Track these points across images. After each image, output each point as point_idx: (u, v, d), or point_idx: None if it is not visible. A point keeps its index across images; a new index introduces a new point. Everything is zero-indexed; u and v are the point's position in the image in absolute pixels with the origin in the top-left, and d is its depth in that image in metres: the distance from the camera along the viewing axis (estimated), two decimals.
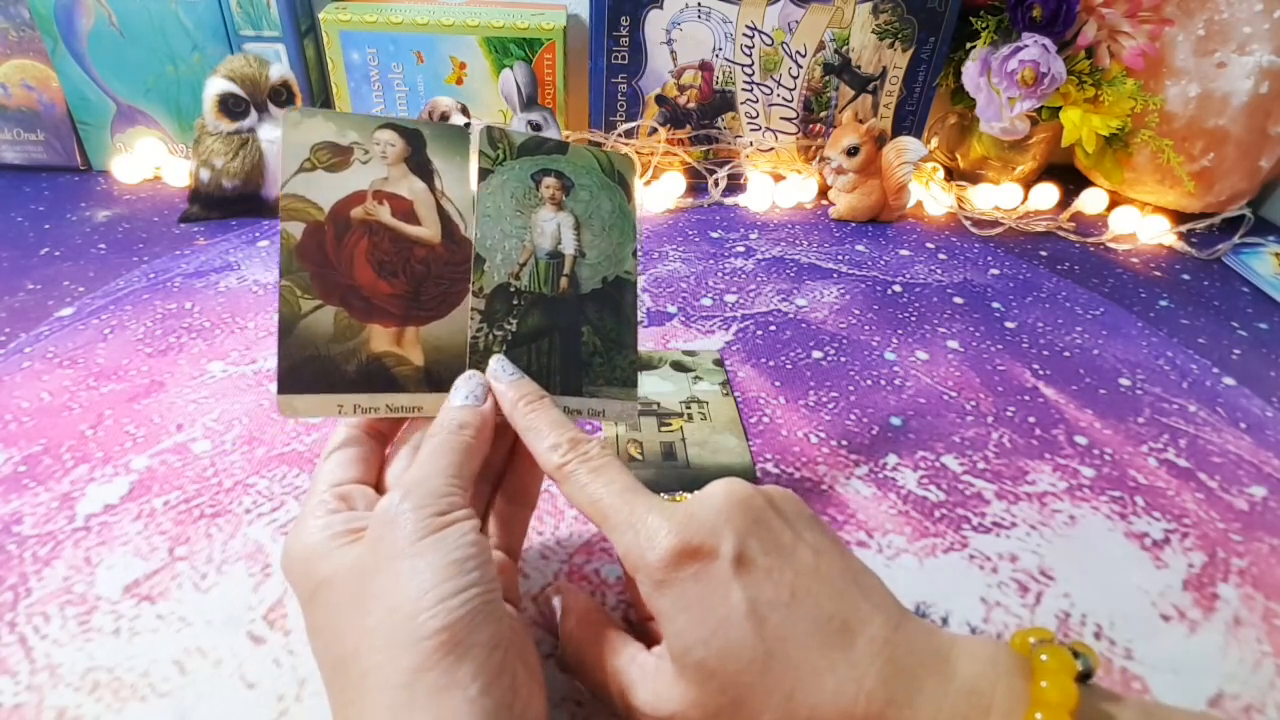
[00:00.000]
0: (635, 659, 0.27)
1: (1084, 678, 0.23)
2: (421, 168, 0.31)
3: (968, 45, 0.71)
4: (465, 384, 0.30)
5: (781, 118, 0.75)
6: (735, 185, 0.76)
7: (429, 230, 0.31)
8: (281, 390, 0.30)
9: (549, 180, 0.33)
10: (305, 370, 0.30)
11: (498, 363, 0.31)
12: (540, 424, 0.29)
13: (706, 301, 0.59)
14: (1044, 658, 0.23)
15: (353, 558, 0.26)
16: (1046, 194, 0.76)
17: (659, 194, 0.73)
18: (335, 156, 0.30)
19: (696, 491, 0.27)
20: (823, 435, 0.46)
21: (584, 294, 0.33)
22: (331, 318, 0.30)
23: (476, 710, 0.23)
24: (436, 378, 0.31)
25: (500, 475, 0.32)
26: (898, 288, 0.62)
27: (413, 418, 0.32)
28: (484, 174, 0.32)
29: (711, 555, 0.25)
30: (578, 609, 0.31)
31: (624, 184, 0.34)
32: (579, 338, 0.32)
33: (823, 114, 0.75)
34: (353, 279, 0.30)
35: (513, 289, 0.32)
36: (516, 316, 0.32)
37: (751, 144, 0.76)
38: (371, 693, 0.23)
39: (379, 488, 0.30)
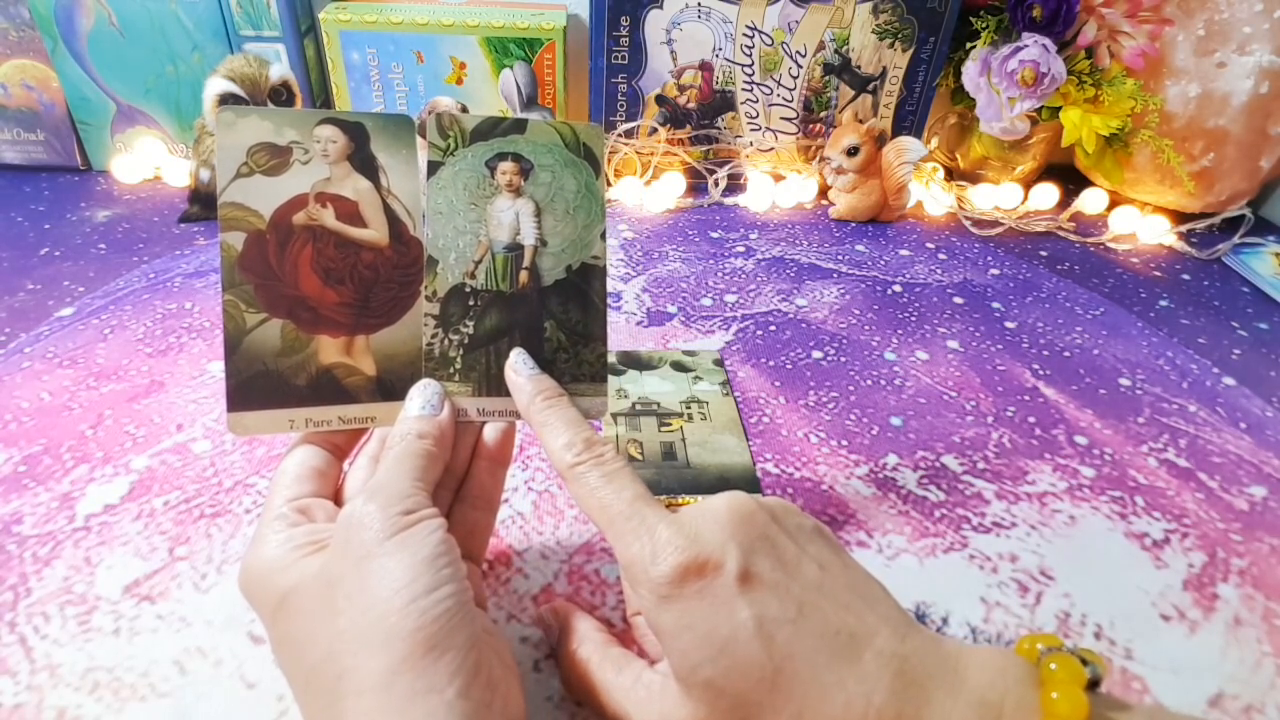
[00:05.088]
0: (640, 679, 0.27)
1: (1093, 685, 0.23)
2: (365, 164, 0.30)
3: (968, 45, 0.71)
4: (420, 393, 0.30)
5: (781, 118, 0.75)
6: (735, 185, 0.76)
7: (376, 232, 0.30)
8: (231, 408, 0.29)
9: (505, 165, 0.30)
10: (254, 386, 0.29)
11: (518, 356, 0.30)
12: (556, 421, 0.29)
13: (706, 301, 0.59)
14: (1053, 666, 0.23)
15: (318, 566, 0.25)
16: (1046, 194, 0.76)
17: (659, 194, 0.73)
18: (273, 159, 0.29)
19: (698, 502, 0.27)
20: (823, 435, 0.46)
21: (546, 286, 0.31)
22: (278, 331, 0.29)
23: (455, 713, 0.22)
24: (389, 387, 0.31)
25: (460, 481, 0.32)
26: (898, 288, 0.62)
27: (367, 428, 0.31)
28: (433, 167, 0.30)
29: (716, 571, 0.24)
30: (577, 628, 0.31)
31: (591, 159, 0.31)
32: (541, 335, 0.31)
33: (823, 114, 0.75)
34: (298, 289, 0.30)
35: (468, 289, 0.30)
36: (473, 318, 0.30)
37: (751, 144, 0.76)
38: (348, 697, 0.23)
39: (338, 502, 0.30)
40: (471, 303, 0.30)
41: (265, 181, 0.29)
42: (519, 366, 0.30)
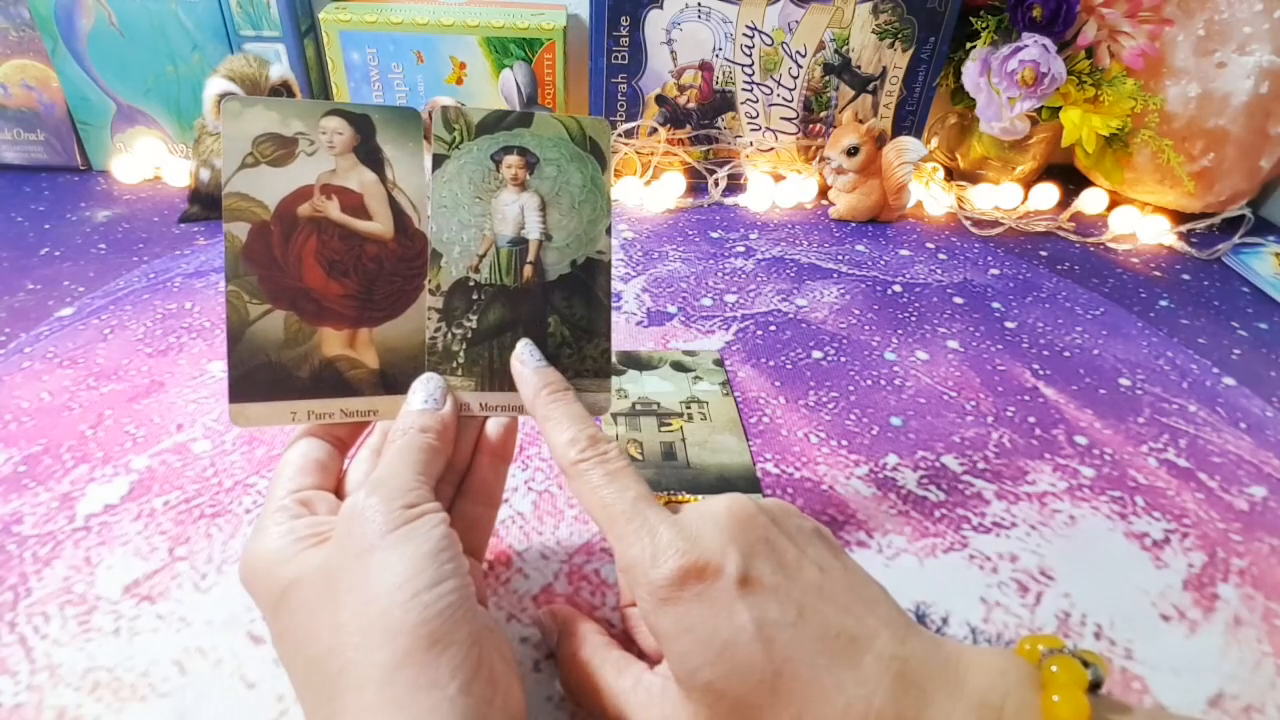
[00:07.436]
0: (640, 681, 0.27)
1: (1094, 687, 0.23)
2: (371, 157, 0.30)
3: (968, 45, 0.71)
4: (423, 387, 0.30)
5: (781, 118, 0.75)
6: (735, 185, 0.76)
7: (381, 225, 0.30)
8: (233, 399, 0.29)
9: (510, 159, 0.30)
10: (257, 378, 0.29)
11: (525, 347, 0.30)
12: (560, 416, 0.28)
13: (706, 301, 0.59)
14: (1054, 669, 0.23)
15: (320, 558, 0.25)
16: (1046, 194, 0.76)
17: (659, 194, 0.73)
18: (279, 149, 0.29)
19: (698, 502, 0.27)
20: (823, 435, 0.46)
21: (550, 281, 0.31)
22: (281, 322, 0.29)
23: (458, 709, 0.22)
24: (392, 380, 0.31)
25: (462, 476, 0.31)
26: (898, 288, 0.62)
27: (369, 421, 0.31)
28: (438, 161, 0.30)
29: (716, 575, 0.24)
30: (577, 632, 0.30)
31: (597, 152, 0.31)
32: (545, 330, 0.31)
33: (823, 114, 0.75)
34: (302, 281, 0.29)
35: (472, 283, 0.30)
36: (476, 312, 0.30)
37: (751, 144, 0.76)
38: (350, 691, 0.23)
39: (339, 495, 0.30)
40: (475, 297, 0.30)
41: (270, 172, 0.29)
42: (525, 358, 0.30)
